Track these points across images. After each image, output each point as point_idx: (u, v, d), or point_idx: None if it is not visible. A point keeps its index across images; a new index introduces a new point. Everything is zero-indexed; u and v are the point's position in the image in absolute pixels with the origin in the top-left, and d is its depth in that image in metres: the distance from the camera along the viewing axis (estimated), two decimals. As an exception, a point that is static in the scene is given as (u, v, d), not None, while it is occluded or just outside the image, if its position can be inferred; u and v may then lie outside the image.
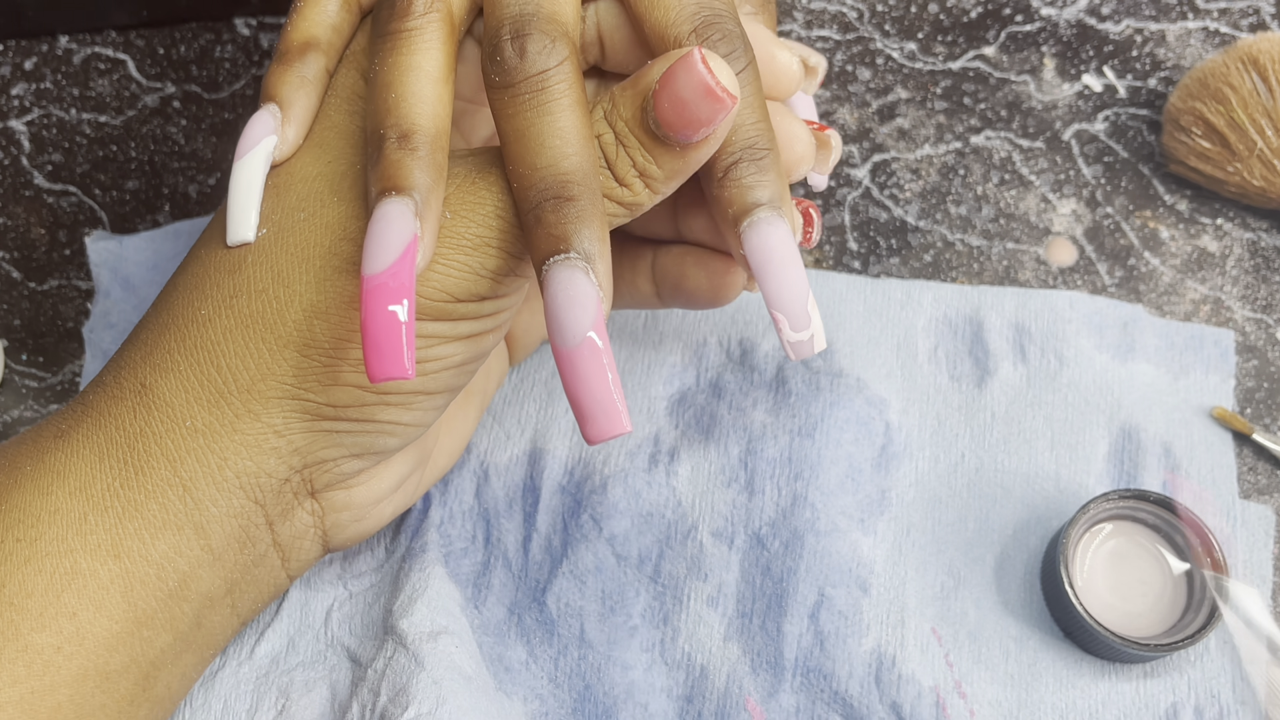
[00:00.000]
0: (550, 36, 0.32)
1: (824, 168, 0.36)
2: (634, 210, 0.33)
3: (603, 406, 0.31)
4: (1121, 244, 0.48)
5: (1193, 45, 0.51)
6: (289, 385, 0.33)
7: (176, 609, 0.34)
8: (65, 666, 0.32)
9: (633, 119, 0.32)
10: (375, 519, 0.38)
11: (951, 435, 0.44)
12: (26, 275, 0.48)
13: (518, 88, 0.32)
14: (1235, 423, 0.44)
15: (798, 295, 0.33)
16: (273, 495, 0.34)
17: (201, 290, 0.34)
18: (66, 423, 0.34)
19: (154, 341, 0.35)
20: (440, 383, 0.35)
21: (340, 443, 0.34)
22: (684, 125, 0.31)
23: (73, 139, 0.50)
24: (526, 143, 0.31)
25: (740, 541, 0.42)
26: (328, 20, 0.36)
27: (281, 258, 0.34)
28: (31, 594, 0.32)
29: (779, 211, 0.33)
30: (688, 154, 0.32)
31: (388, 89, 0.33)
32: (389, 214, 0.31)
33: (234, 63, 0.51)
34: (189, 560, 0.33)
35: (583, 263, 0.31)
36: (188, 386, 0.34)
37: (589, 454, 0.43)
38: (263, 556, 0.35)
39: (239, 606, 0.36)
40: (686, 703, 0.40)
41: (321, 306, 0.33)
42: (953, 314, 0.46)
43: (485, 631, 0.41)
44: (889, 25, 0.52)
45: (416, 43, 0.33)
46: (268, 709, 0.38)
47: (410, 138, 0.32)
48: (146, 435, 0.33)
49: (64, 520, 0.33)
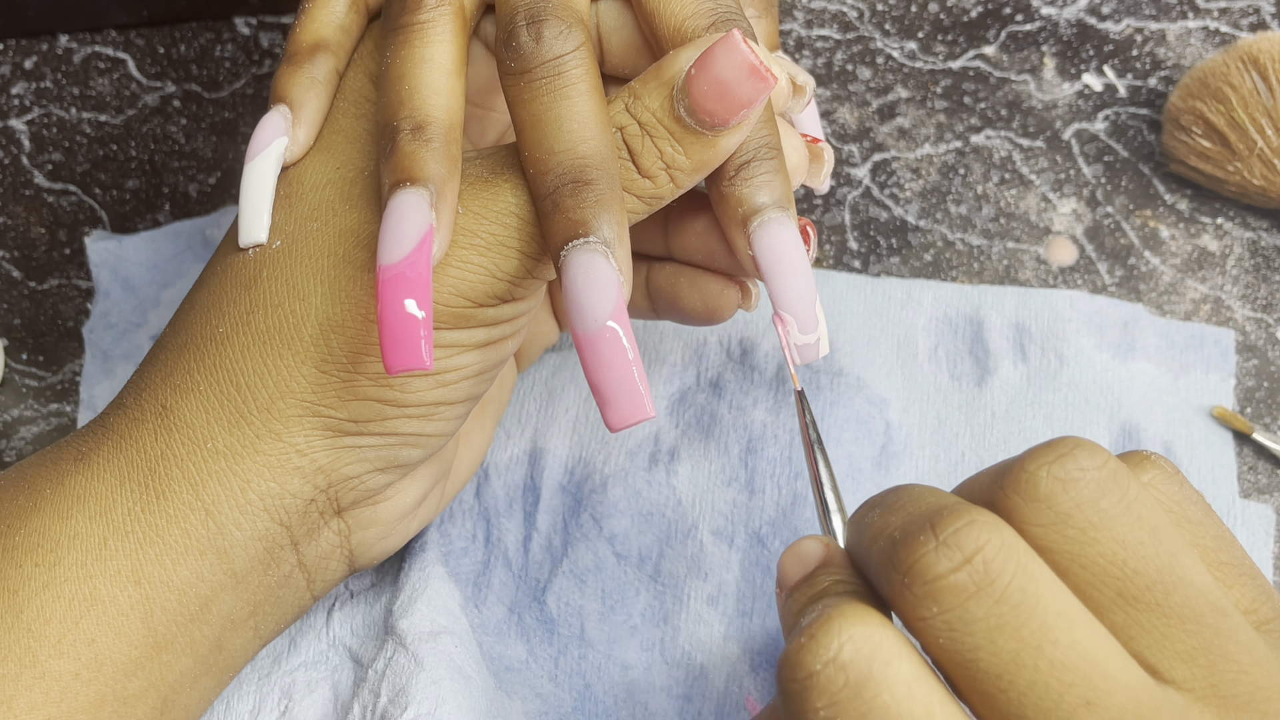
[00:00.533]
0: (566, 22, 0.32)
1: (816, 180, 0.36)
2: (654, 205, 0.33)
3: (626, 391, 0.30)
4: (1121, 243, 0.48)
5: (1193, 45, 0.51)
6: (309, 402, 0.33)
7: (197, 632, 0.33)
8: (83, 693, 0.31)
9: (660, 108, 0.32)
10: (401, 535, 0.37)
11: (952, 434, 0.44)
12: (26, 274, 0.48)
13: (534, 73, 0.31)
14: (1235, 422, 0.44)
15: (806, 297, 0.32)
16: (298, 516, 0.34)
17: (219, 307, 0.34)
18: (86, 445, 0.34)
19: (174, 362, 0.34)
20: (461, 392, 0.34)
21: (364, 458, 0.34)
22: (726, 107, 0.31)
23: (73, 138, 0.50)
24: (544, 128, 0.31)
25: (740, 541, 0.42)
26: (336, 21, 0.36)
27: (296, 270, 0.34)
28: (50, 620, 0.31)
29: (788, 212, 0.33)
30: (718, 142, 0.32)
31: (400, 81, 0.33)
32: (404, 205, 0.31)
33: (234, 62, 0.51)
34: (211, 585, 0.33)
35: (602, 247, 0.30)
36: (208, 407, 0.33)
37: (589, 453, 0.43)
38: (287, 578, 0.35)
39: (261, 629, 0.35)
40: (686, 702, 0.40)
41: (337, 320, 0.33)
42: (953, 313, 0.46)
43: (485, 631, 0.41)
44: (889, 24, 0.52)
45: (429, 35, 0.33)
46: (270, 709, 0.38)
47: (424, 129, 0.32)
48: (168, 458, 0.33)
49: (84, 545, 0.32)
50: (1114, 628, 0.27)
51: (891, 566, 0.27)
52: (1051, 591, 0.26)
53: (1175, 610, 0.26)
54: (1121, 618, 0.27)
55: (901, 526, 0.27)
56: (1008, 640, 0.25)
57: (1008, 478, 0.27)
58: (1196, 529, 0.29)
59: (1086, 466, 0.27)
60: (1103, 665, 0.26)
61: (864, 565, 0.29)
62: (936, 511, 0.27)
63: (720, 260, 0.36)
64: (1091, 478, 0.27)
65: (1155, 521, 0.27)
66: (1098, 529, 0.27)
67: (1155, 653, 0.26)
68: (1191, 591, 0.27)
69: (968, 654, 0.26)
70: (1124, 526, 0.27)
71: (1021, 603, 0.26)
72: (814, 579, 0.29)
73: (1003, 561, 0.26)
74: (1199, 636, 0.26)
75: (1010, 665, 0.25)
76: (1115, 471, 0.27)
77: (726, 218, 0.33)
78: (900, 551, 0.26)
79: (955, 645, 0.26)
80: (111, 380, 0.46)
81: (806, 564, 0.30)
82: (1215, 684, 0.26)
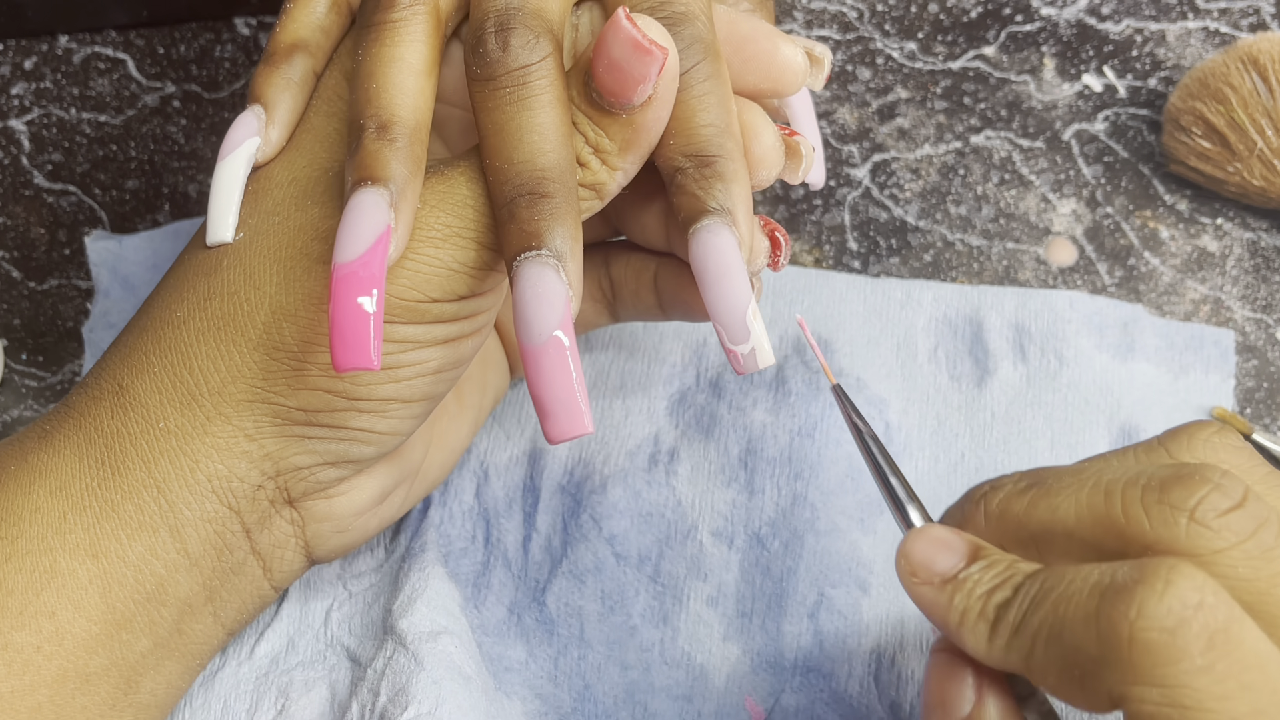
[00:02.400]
0: (534, 32, 0.32)
1: (794, 177, 0.35)
2: (599, 192, 0.33)
3: (565, 405, 0.30)
4: (1121, 244, 0.48)
5: (1193, 45, 0.51)
6: (258, 388, 0.33)
7: (155, 613, 0.33)
8: (45, 666, 0.32)
9: (578, 95, 0.32)
10: (360, 531, 0.37)
11: (951, 435, 0.44)
12: (26, 275, 0.48)
13: (499, 81, 0.32)
14: (1235, 423, 0.44)
15: (736, 306, 0.32)
16: (247, 501, 0.34)
17: (179, 293, 0.35)
18: (50, 424, 0.35)
19: (133, 344, 0.35)
20: (416, 390, 0.34)
21: (313, 449, 0.34)
22: (622, 87, 0.31)
23: (72, 138, 0.50)
24: (504, 137, 0.31)
25: (740, 541, 0.42)
26: (316, 22, 0.36)
27: (254, 260, 0.34)
28: (11, 592, 0.32)
29: (724, 219, 0.32)
30: (634, 120, 0.32)
31: (369, 79, 0.33)
32: (363, 203, 0.31)
33: (234, 62, 0.51)
34: (165, 563, 0.33)
35: (554, 260, 0.31)
36: (161, 388, 0.34)
37: (589, 454, 0.43)
38: (241, 564, 0.35)
39: (221, 616, 0.35)
40: (686, 702, 0.40)
41: (290, 308, 0.33)
42: (953, 314, 0.46)
43: (485, 631, 0.41)
44: (889, 25, 0.52)
45: (400, 34, 0.33)
46: (267, 709, 0.38)
47: (389, 128, 0.32)
48: (123, 435, 0.33)
49: (44, 519, 0.33)
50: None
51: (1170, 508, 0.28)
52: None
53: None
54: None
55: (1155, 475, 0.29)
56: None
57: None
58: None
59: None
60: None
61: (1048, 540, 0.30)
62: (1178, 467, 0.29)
63: None
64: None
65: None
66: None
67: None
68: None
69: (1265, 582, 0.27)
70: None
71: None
72: (991, 561, 0.30)
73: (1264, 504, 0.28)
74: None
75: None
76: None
77: (674, 225, 0.33)
78: (1175, 493, 0.28)
79: (1256, 574, 0.27)
80: (111, 380, 0.46)
81: (957, 551, 0.31)
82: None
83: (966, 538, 0.31)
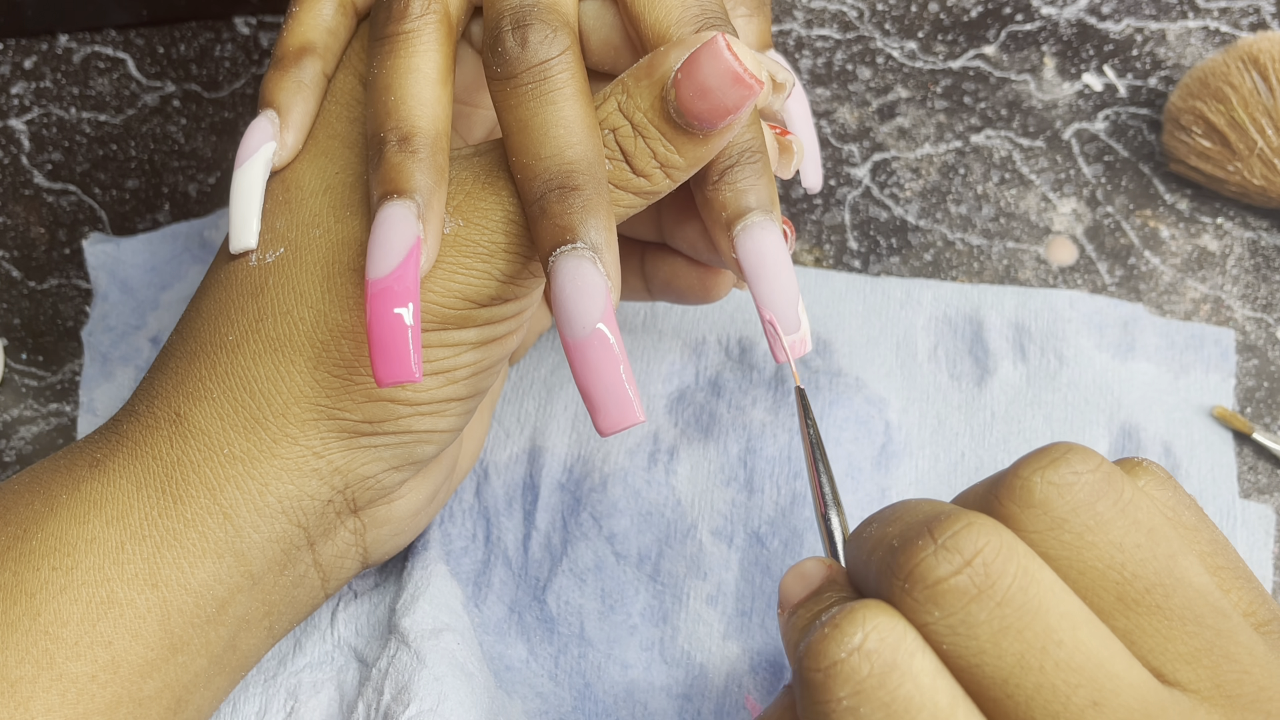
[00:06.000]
0: (551, 26, 0.32)
1: (785, 172, 0.36)
2: (651, 199, 0.33)
3: (615, 397, 0.30)
4: (1121, 243, 0.48)
5: (1193, 44, 0.51)
6: (323, 406, 0.33)
7: (212, 633, 0.33)
8: (99, 694, 0.32)
9: (651, 108, 0.32)
10: (412, 530, 0.38)
11: (951, 434, 0.44)
12: (26, 274, 0.48)
13: (520, 78, 0.31)
14: (1235, 422, 0.44)
15: (789, 299, 0.33)
16: (315, 517, 0.34)
17: (226, 315, 0.34)
18: (100, 451, 0.34)
19: (185, 370, 0.34)
20: (470, 387, 0.35)
21: (380, 456, 0.34)
22: (710, 113, 0.31)
23: (72, 138, 0.50)
24: (530, 133, 0.31)
25: (740, 540, 0.42)
26: (323, 24, 0.36)
27: (302, 277, 0.34)
28: (67, 623, 0.31)
29: (771, 216, 0.33)
30: (710, 141, 0.32)
31: (386, 92, 0.33)
32: (391, 217, 0.31)
33: (234, 62, 0.51)
34: (228, 587, 0.33)
35: (590, 253, 0.31)
36: (223, 414, 0.34)
37: (588, 452, 0.43)
38: (303, 577, 0.35)
39: (275, 628, 0.36)
40: (686, 701, 0.40)
41: (346, 326, 0.33)
42: (953, 313, 0.46)
43: (485, 630, 0.41)
44: (889, 24, 0.52)
45: (414, 45, 0.33)
46: (276, 711, 0.38)
47: (410, 140, 0.32)
48: (184, 464, 0.33)
49: (101, 549, 0.32)
50: (1116, 632, 0.26)
51: (891, 573, 0.26)
52: (1054, 592, 0.26)
53: (1176, 612, 0.26)
54: (1123, 622, 0.26)
55: (900, 534, 0.27)
56: (1012, 642, 0.25)
57: (1002, 485, 0.27)
58: (1192, 533, 0.28)
59: (1080, 471, 0.27)
60: (1108, 665, 0.25)
61: (864, 579, 0.28)
62: (934, 517, 0.27)
63: (715, 257, 0.37)
64: (1086, 481, 0.27)
65: (1151, 524, 0.27)
66: (1094, 532, 0.27)
67: (1159, 656, 0.26)
68: (1191, 593, 0.27)
69: (972, 658, 0.26)
70: (1120, 529, 0.27)
71: (1024, 604, 0.25)
72: (819, 596, 0.29)
73: (1003, 563, 0.26)
74: (1201, 638, 0.26)
75: (1016, 668, 0.25)
76: (1109, 475, 0.27)
77: (711, 220, 0.33)
78: (900, 557, 0.26)
79: (960, 649, 0.26)
80: (111, 383, 0.46)
81: (810, 583, 0.30)
82: (1220, 685, 0.26)
83: (828, 570, 0.30)
